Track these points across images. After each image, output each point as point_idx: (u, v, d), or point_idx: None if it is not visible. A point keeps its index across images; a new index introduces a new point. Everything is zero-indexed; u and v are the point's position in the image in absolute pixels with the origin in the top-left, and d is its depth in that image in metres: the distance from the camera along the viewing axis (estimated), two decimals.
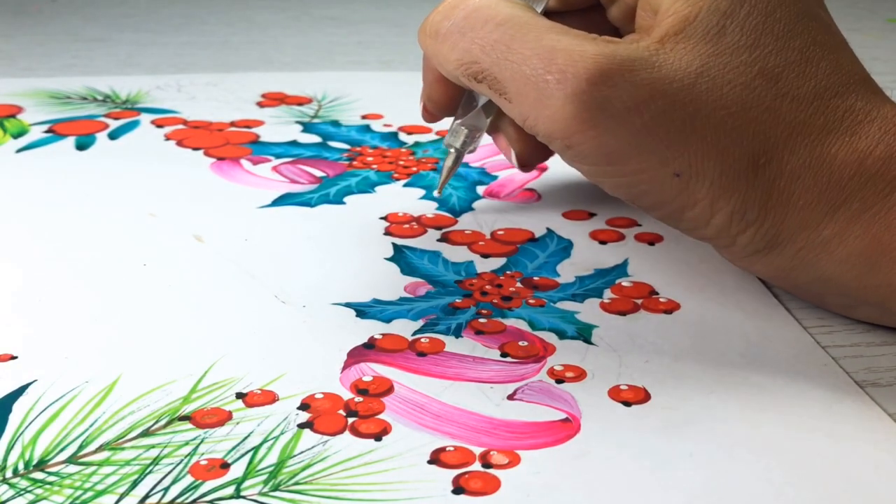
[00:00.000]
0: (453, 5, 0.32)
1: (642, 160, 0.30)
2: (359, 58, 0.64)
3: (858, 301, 0.31)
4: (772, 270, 0.32)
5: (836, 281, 0.31)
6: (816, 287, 0.32)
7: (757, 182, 0.30)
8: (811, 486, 0.25)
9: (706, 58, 0.29)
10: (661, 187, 0.30)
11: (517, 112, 0.31)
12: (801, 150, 0.29)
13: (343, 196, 0.41)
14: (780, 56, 0.30)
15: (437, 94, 0.36)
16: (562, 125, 0.29)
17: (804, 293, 0.33)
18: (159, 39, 0.67)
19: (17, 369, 0.29)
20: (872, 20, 0.79)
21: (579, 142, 0.30)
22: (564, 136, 0.30)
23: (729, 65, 0.29)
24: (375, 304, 0.33)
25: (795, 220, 0.30)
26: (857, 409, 0.28)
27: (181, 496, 0.24)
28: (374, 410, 0.28)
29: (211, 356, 0.30)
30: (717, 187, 0.30)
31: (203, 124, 0.49)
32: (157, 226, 0.38)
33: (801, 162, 0.29)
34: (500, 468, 0.25)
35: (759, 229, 0.30)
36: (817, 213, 0.30)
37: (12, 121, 0.49)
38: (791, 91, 0.30)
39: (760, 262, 0.31)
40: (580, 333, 0.32)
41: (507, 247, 0.37)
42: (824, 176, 0.29)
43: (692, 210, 0.30)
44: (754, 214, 0.30)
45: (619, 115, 0.29)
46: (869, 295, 0.31)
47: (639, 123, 0.29)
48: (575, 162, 0.31)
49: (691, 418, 0.27)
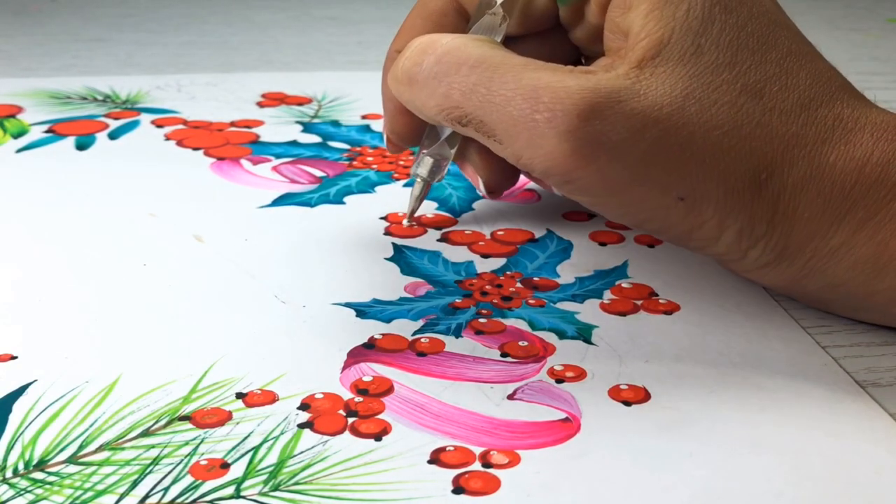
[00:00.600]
0: (422, 50, 0.31)
1: (644, 189, 0.30)
2: (359, 58, 0.64)
3: (863, 306, 0.32)
4: (782, 281, 0.32)
5: (845, 287, 0.31)
6: (825, 293, 0.32)
7: (761, 198, 0.30)
8: (811, 486, 0.25)
9: (688, 80, 0.29)
10: (667, 213, 0.30)
11: (510, 153, 0.30)
12: (800, 163, 0.29)
13: (343, 196, 0.41)
14: (760, 70, 0.30)
15: (399, 126, 0.36)
16: (560, 162, 0.29)
17: (810, 300, 0.33)
18: (159, 39, 0.67)
19: (17, 369, 0.29)
20: (872, 20, 0.79)
21: (579, 177, 0.29)
22: (563, 172, 0.29)
23: (712, 84, 0.29)
24: (375, 304, 0.33)
25: (803, 231, 0.30)
26: (857, 409, 0.28)
27: (181, 496, 0.24)
28: (374, 410, 0.28)
29: (211, 356, 0.30)
30: (723, 207, 0.30)
31: (203, 124, 0.49)
32: (157, 226, 0.38)
33: (802, 174, 0.29)
34: (500, 468, 0.25)
35: (769, 243, 0.30)
36: (824, 223, 0.30)
37: (12, 121, 0.49)
38: (777, 105, 0.30)
39: (770, 273, 0.31)
40: (580, 333, 0.32)
41: (507, 247, 0.37)
42: (826, 186, 0.29)
43: (700, 230, 0.30)
44: (762, 229, 0.30)
45: (616, 148, 0.29)
46: (875, 299, 0.31)
47: (637, 153, 0.29)
48: (575, 195, 0.31)
49: (691, 418, 0.27)
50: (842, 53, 0.67)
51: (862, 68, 0.63)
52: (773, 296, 0.34)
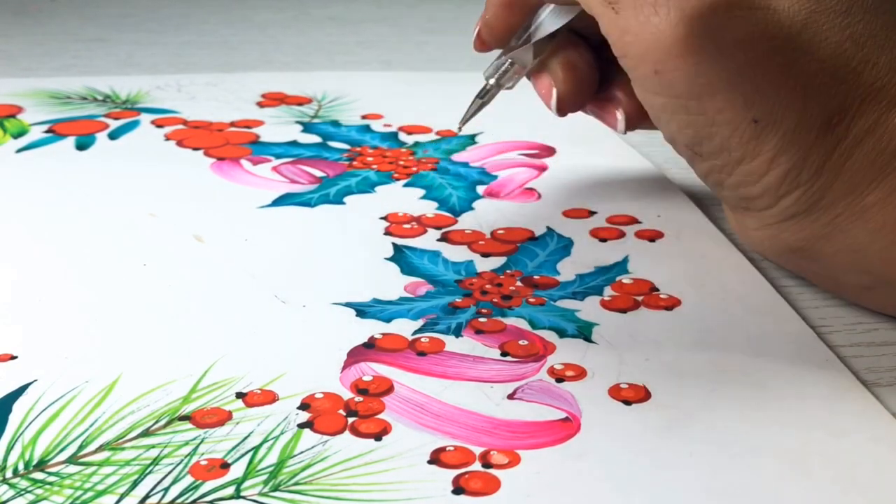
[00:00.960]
0: None
1: (729, 98, 0.30)
2: (359, 58, 0.64)
3: (879, 280, 0.32)
4: (798, 239, 0.32)
5: (863, 252, 0.31)
6: (840, 259, 0.32)
7: (824, 141, 0.30)
8: (811, 484, 0.25)
9: (810, 12, 0.30)
10: (734, 132, 0.30)
11: (619, 24, 0.31)
12: (869, 116, 0.30)
13: (343, 196, 0.41)
14: (867, 26, 0.30)
15: (497, 21, 0.36)
16: (666, 45, 0.29)
17: (821, 270, 0.33)
18: (159, 39, 0.67)
19: (17, 369, 0.29)
20: None
21: (673, 68, 0.30)
22: (661, 59, 0.30)
23: (827, 23, 0.30)
24: (375, 304, 0.33)
25: (845, 184, 0.30)
26: (858, 406, 0.28)
27: (181, 496, 0.24)
28: (374, 410, 0.28)
29: (211, 356, 0.30)
30: (787, 140, 0.30)
31: (203, 124, 0.49)
32: (157, 226, 0.38)
33: (866, 127, 0.30)
34: (500, 468, 0.25)
35: (808, 191, 0.31)
36: (866, 178, 0.30)
37: (12, 121, 0.49)
38: (872, 58, 0.30)
39: (792, 228, 0.32)
40: (580, 332, 0.32)
41: (507, 246, 0.37)
42: (882, 143, 0.30)
43: (751, 163, 0.31)
44: (809, 174, 0.30)
45: (726, 47, 0.29)
46: (891, 270, 0.31)
47: (742, 59, 0.29)
48: (655, 93, 0.31)
49: (691, 417, 0.27)
50: None
51: None
52: (776, 289, 0.34)
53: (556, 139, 0.48)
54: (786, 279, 0.36)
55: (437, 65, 0.62)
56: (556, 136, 0.48)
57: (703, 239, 0.38)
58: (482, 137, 0.48)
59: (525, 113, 0.45)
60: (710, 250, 0.37)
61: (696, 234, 0.38)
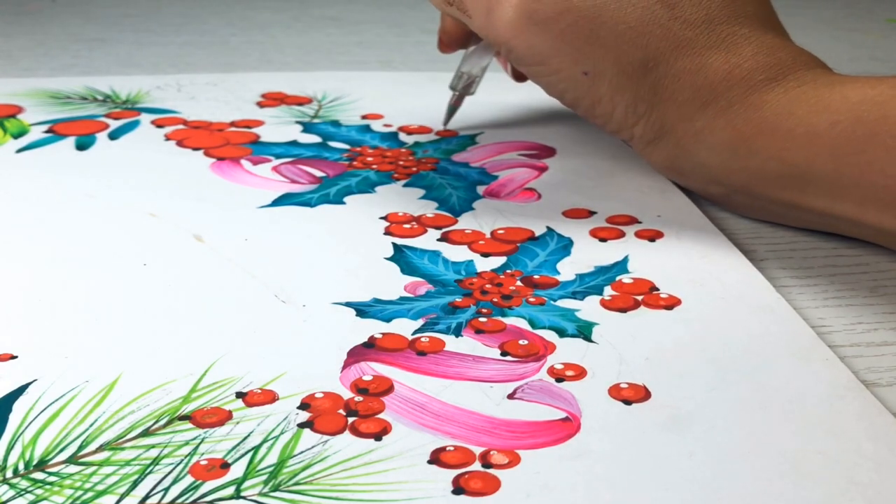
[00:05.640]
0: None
1: (560, 60, 0.39)
2: (359, 58, 0.64)
3: (730, 188, 0.38)
4: (664, 159, 0.40)
5: (710, 167, 0.38)
6: (698, 173, 0.39)
7: (645, 81, 0.38)
8: (811, 485, 0.25)
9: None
10: (575, 84, 0.39)
11: (477, 25, 0.40)
12: (684, 59, 0.37)
13: (343, 196, 0.41)
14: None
15: (451, 27, 0.46)
16: (504, 31, 0.39)
17: (693, 181, 0.40)
18: (159, 39, 0.67)
19: (17, 369, 0.29)
20: (872, 20, 0.79)
21: (516, 45, 0.39)
22: (506, 40, 0.39)
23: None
24: (375, 304, 0.33)
25: (675, 113, 0.38)
26: (858, 406, 0.28)
27: (181, 496, 0.24)
28: (374, 410, 0.28)
29: (211, 356, 0.30)
30: (614, 85, 0.39)
31: (203, 124, 0.49)
32: (157, 226, 0.38)
33: (683, 67, 0.37)
34: (500, 468, 0.25)
35: (648, 121, 0.39)
36: (692, 107, 0.38)
37: (12, 121, 0.49)
38: (684, 16, 0.38)
39: (655, 151, 0.40)
40: (580, 331, 0.32)
41: (507, 246, 0.37)
42: (700, 79, 0.37)
43: (600, 106, 0.39)
44: (644, 108, 0.39)
45: (542, 23, 0.38)
46: (735, 179, 0.38)
47: (556, 30, 0.38)
48: (517, 64, 0.40)
49: (691, 417, 0.27)
50: (842, 53, 0.67)
51: (862, 68, 0.63)
52: (776, 288, 0.34)
53: (556, 139, 0.48)
54: (786, 279, 0.36)
55: (437, 65, 0.62)
56: (556, 136, 0.48)
57: (703, 239, 0.38)
58: (482, 138, 0.48)
59: (525, 113, 0.45)
60: (710, 250, 0.37)
61: (696, 234, 0.38)
